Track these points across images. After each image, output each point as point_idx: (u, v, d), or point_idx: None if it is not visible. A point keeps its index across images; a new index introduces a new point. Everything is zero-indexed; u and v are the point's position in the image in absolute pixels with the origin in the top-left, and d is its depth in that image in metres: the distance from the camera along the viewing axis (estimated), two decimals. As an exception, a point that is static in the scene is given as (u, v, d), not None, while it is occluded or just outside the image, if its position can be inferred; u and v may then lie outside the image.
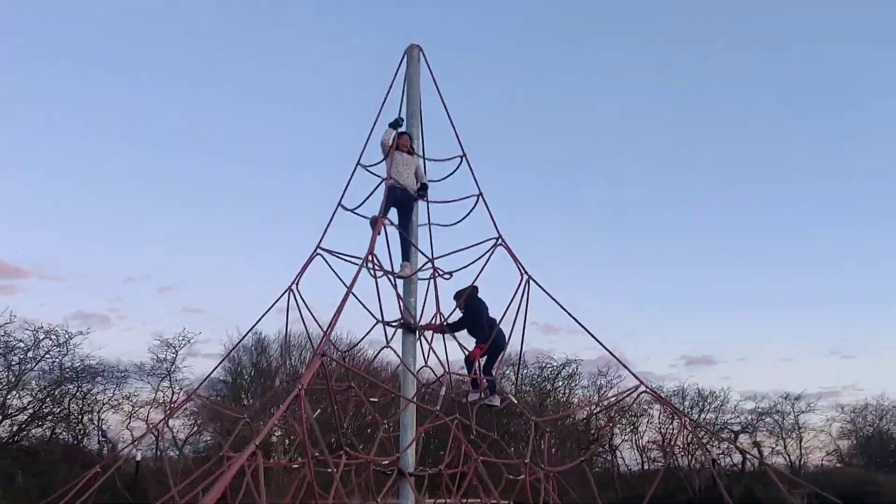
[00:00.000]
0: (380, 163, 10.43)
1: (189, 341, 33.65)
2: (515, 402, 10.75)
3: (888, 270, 59.76)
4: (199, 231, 59.81)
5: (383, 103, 10.68)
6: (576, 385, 39.77)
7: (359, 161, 10.53)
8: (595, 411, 29.04)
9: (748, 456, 28.19)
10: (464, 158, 10.36)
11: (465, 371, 10.40)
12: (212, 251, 59.03)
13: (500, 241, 9.76)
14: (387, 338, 9.34)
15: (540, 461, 9.12)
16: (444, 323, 10.12)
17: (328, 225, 10.23)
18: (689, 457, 40.39)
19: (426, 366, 10.03)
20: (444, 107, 10.49)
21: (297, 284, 10.06)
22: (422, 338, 9.89)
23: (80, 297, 53.98)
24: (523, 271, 9.49)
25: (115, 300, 57.27)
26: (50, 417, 31.06)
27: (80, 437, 32.26)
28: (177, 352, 33.37)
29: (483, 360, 10.29)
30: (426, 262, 10.16)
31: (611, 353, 8.94)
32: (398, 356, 9.34)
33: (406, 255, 9.83)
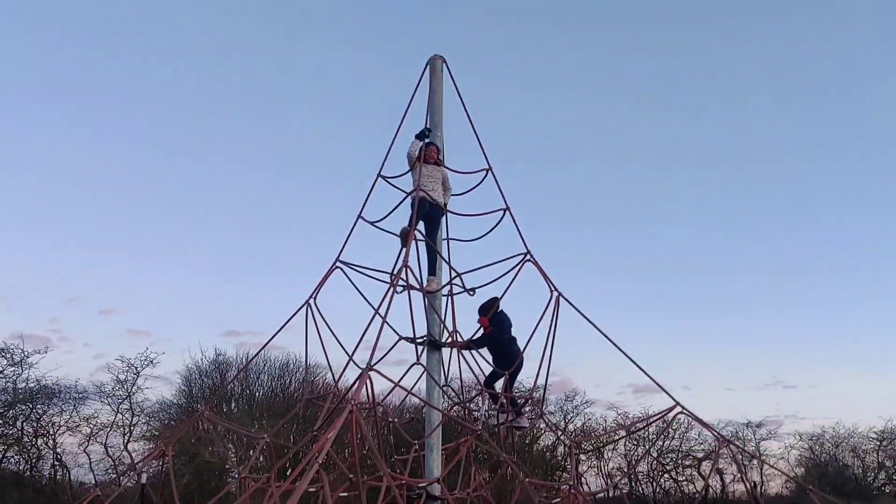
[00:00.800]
0: (403, 175, 10.11)
1: (151, 362, 32.58)
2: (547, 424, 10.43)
3: (823, 305, 60.55)
4: (152, 252, 58.27)
5: (404, 114, 10.40)
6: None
7: (379, 172, 10.20)
8: (623, 436, 28.76)
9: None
10: (489, 172, 10.09)
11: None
12: (159, 273, 57.38)
13: (528, 256, 9.49)
14: (417, 355, 8.92)
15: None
16: (471, 339, 9.75)
17: (347, 237, 9.89)
18: (654, 483, 40.38)
19: (447, 385, 9.67)
20: (469, 118, 10.26)
21: (314, 298, 9.68)
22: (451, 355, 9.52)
23: (16, 318, 52.01)
24: (553, 288, 9.23)
25: (54, 321, 55.49)
26: (1, 440, 29.71)
27: (33, 460, 30.86)
28: (138, 372, 32.26)
29: (502, 380, 9.97)
30: (454, 277, 9.83)
31: (648, 374, 8.71)
32: (428, 372, 8.91)
33: (433, 270, 9.50)
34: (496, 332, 9.63)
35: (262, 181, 60.84)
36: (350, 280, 9.72)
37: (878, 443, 45.03)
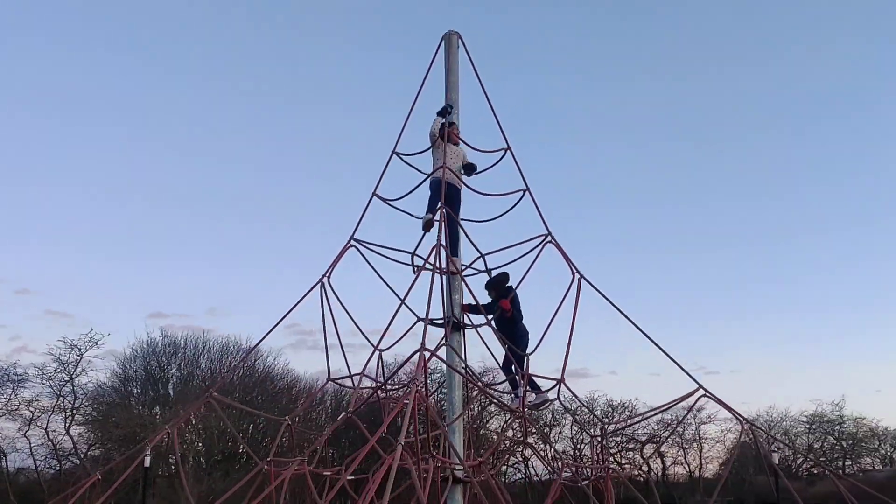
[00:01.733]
0: (423, 152, 9.85)
1: (96, 343, 31.45)
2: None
3: (747, 289, 62.19)
4: (73, 233, 56.25)
5: (419, 91, 10.14)
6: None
7: (394, 149, 9.94)
8: (648, 415, 29.09)
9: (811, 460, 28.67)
10: (508, 151, 9.90)
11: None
12: (81, 254, 55.43)
13: (549, 237, 9.37)
14: (447, 335, 8.66)
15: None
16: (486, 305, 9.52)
17: (362, 215, 9.64)
18: (598, 470, 41.05)
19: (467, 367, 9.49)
20: (486, 96, 10.03)
21: (328, 277, 9.40)
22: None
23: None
24: (575, 270, 9.14)
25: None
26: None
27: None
28: (81, 354, 31.12)
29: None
30: (477, 258, 9.66)
31: (670, 356, 8.68)
32: (454, 350, 8.71)
33: (455, 251, 9.30)
34: (516, 313, 9.53)
35: (205, 165, 59.44)
36: (365, 259, 9.49)
37: (808, 426, 46.77)
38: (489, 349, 9.90)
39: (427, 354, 6.96)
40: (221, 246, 57.41)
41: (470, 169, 9.95)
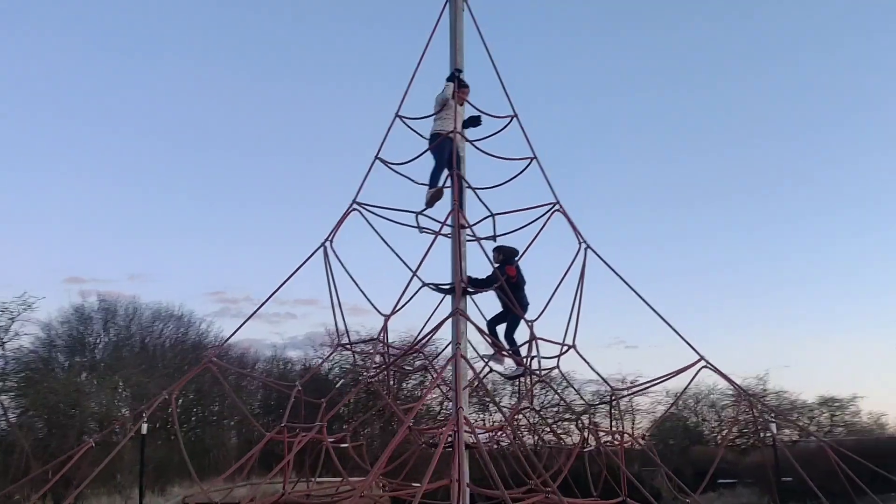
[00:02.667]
0: (428, 117, 9.68)
1: (29, 306, 30.14)
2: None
3: (664, 269, 62.97)
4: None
5: (422, 55, 9.94)
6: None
7: (397, 112, 9.75)
8: (652, 383, 29.24)
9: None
10: (515, 118, 9.80)
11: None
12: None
13: (557, 206, 9.37)
14: (457, 301, 8.54)
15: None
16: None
17: (365, 178, 9.45)
18: (536, 437, 41.88)
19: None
20: (492, 61, 9.89)
21: (331, 241, 9.22)
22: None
23: None
24: (581, 240, 9.19)
25: None
26: None
27: None
28: (13, 318, 29.81)
29: (503, 326, 9.91)
30: (485, 217, 9.53)
31: (672, 327, 8.85)
32: (469, 319, 8.64)
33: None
34: (520, 280, 9.54)
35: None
36: (368, 222, 9.34)
37: (733, 399, 48.54)
38: (483, 315, 9.86)
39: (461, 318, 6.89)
40: (145, 210, 55.50)
41: (473, 122, 9.79)
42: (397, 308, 8.79)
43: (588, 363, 8.91)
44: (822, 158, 57.99)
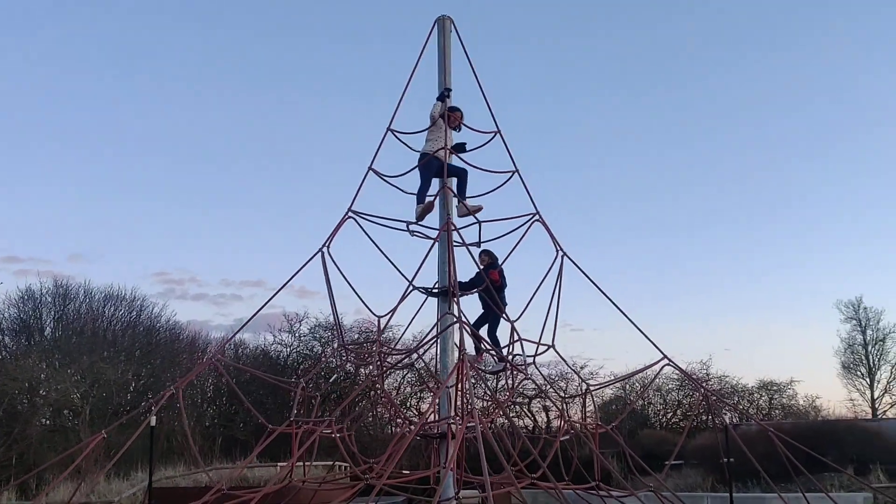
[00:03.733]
0: (419, 132, 10.41)
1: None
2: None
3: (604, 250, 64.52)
4: None
5: (412, 74, 10.62)
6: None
7: (389, 126, 10.45)
8: (614, 381, 30.39)
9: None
10: (498, 134, 10.58)
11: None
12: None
13: (537, 216, 10.20)
14: (449, 304, 9.35)
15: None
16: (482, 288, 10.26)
17: (359, 188, 10.15)
18: (491, 423, 43.07)
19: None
20: (477, 80, 10.64)
21: (328, 246, 9.90)
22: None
23: None
24: (559, 248, 10.05)
25: None
26: None
27: None
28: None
29: (485, 327, 10.75)
30: (472, 224, 10.26)
31: (640, 330, 9.78)
32: (460, 320, 9.42)
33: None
34: (503, 283, 10.36)
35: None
36: (363, 229, 10.02)
37: (678, 383, 50.42)
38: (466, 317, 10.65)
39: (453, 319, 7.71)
40: (87, 187, 54.54)
41: (460, 148, 10.58)
42: (392, 311, 9.55)
43: (565, 361, 9.80)
44: (763, 152, 60.21)
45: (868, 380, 48.36)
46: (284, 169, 59.16)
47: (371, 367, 9.62)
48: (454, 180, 10.13)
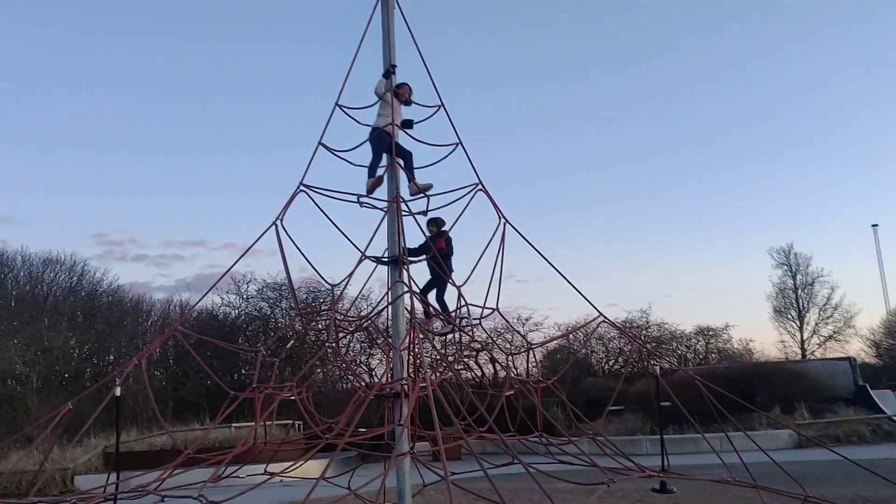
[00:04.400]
0: (367, 107, 10.81)
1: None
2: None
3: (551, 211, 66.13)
4: None
5: (357, 49, 10.96)
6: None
7: (337, 102, 10.83)
8: (554, 339, 31.22)
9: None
10: (441, 107, 11.04)
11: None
12: None
13: (480, 186, 10.76)
14: (400, 272, 9.89)
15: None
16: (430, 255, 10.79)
17: (309, 162, 10.53)
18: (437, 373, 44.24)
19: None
20: (421, 56, 10.99)
21: (281, 220, 10.31)
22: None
23: None
24: (501, 216, 10.66)
25: None
26: None
27: None
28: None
29: (433, 292, 11.38)
30: (419, 196, 10.71)
31: (576, 288, 10.43)
32: (405, 283, 9.97)
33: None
34: (449, 250, 10.95)
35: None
36: (315, 203, 10.44)
37: (618, 331, 52.04)
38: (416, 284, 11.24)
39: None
40: (17, 145, 53.29)
41: (407, 125, 11.02)
42: (346, 280, 10.08)
43: (509, 322, 10.46)
44: (699, 101, 61.78)
45: (798, 322, 50.70)
46: (226, 134, 58.60)
47: (327, 334, 10.08)
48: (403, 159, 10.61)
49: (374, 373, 32.03)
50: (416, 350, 8.07)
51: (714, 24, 61.40)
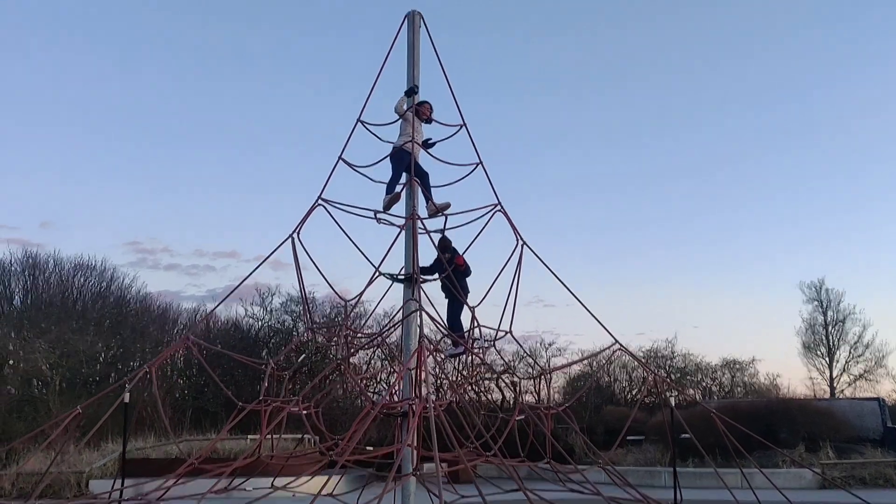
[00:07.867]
0: (389, 124, 10.81)
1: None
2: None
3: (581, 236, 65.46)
4: None
5: (381, 68, 10.97)
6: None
7: (359, 118, 10.84)
8: (570, 364, 31.21)
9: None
10: (463, 127, 11.01)
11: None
12: None
13: (498, 206, 10.69)
14: (415, 291, 9.83)
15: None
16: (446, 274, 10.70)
17: (329, 177, 10.53)
18: (458, 394, 44.08)
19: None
20: (445, 76, 11.00)
21: (297, 233, 10.31)
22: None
23: None
24: (519, 237, 10.56)
25: None
26: None
27: None
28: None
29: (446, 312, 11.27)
30: (436, 214, 10.58)
31: (593, 315, 10.30)
32: (418, 302, 9.88)
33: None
34: (467, 269, 10.85)
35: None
36: (332, 217, 10.43)
37: (644, 360, 51.41)
38: (430, 301, 11.16)
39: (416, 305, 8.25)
40: (58, 154, 54.24)
41: (427, 145, 10.99)
42: (359, 296, 10.04)
43: (521, 346, 10.35)
44: (728, 134, 61.23)
45: (827, 359, 49.66)
46: (259, 149, 59.31)
47: (338, 349, 10.04)
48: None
49: (393, 391, 31.80)
50: (422, 371, 7.95)
51: (755, 45, 60.61)
